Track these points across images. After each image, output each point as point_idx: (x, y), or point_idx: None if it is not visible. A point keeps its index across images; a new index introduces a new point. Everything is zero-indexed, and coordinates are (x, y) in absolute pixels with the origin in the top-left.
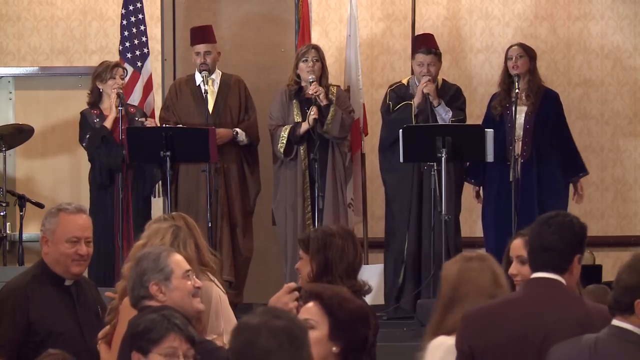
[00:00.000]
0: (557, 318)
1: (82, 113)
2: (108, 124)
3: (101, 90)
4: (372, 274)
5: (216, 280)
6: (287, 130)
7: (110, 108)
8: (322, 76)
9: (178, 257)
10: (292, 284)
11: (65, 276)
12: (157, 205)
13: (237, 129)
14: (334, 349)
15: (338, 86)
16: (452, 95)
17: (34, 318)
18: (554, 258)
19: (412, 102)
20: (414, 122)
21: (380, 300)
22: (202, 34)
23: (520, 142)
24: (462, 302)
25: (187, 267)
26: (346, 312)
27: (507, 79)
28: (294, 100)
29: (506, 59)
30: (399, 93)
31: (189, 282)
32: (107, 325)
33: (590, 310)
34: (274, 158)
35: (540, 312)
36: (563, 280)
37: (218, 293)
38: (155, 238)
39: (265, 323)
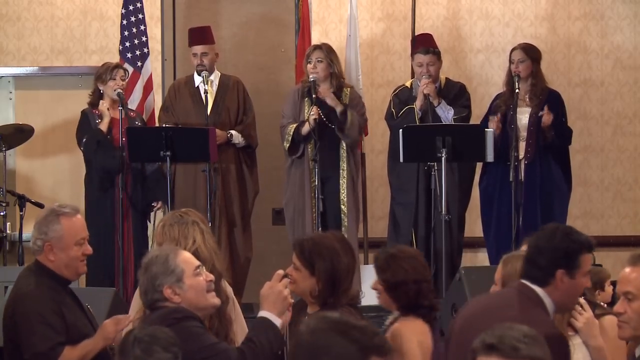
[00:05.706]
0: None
1: (83, 112)
2: (103, 127)
3: (102, 92)
4: (372, 274)
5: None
6: (293, 129)
7: (105, 110)
8: (332, 75)
9: (186, 255)
10: (281, 271)
11: (73, 278)
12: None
13: (232, 131)
14: None
15: (352, 87)
16: (456, 94)
17: (69, 322)
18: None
19: (414, 106)
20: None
21: None
22: (199, 35)
23: (525, 144)
24: None
25: (197, 263)
26: None
27: (511, 80)
28: (306, 99)
29: (510, 60)
30: (402, 97)
31: (201, 278)
32: None
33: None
34: (286, 155)
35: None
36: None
37: (230, 290)
38: (185, 241)
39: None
